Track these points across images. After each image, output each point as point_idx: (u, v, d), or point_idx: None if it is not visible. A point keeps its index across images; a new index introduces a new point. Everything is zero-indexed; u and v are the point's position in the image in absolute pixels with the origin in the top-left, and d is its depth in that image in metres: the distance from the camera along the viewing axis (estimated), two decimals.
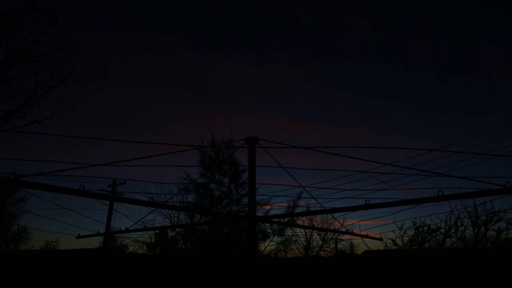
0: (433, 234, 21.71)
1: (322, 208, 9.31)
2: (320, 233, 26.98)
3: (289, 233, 24.04)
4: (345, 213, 16.36)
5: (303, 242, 27.19)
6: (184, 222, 20.20)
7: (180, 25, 44.72)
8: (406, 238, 22.30)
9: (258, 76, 43.70)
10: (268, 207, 18.76)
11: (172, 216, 20.80)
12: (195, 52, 44.07)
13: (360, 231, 17.42)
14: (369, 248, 31.56)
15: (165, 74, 44.13)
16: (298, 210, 19.16)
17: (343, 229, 12.38)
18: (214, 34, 44.39)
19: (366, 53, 45.60)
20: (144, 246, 23.64)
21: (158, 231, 22.55)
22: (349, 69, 45.52)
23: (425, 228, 21.74)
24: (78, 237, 12.02)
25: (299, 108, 45.94)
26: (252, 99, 45.21)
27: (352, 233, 11.70)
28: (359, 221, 34.04)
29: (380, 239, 13.65)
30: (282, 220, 14.64)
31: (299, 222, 22.07)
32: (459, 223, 20.77)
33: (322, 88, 44.35)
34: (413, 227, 22.07)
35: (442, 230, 21.32)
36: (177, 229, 20.77)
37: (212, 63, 42.91)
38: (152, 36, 43.18)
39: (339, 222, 17.97)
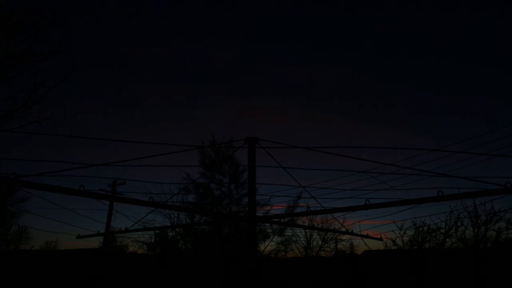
0: (433, 234, 21.70)
1: (322, 208, 9.31)
2: (320, 233, 26.97)
3: (289, 233, 24.04)
4: (345, 213, 16.35)
5: (303, 242, 27.20)
6: (184, 222, 20.19)
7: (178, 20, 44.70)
8: (406, 238, 22.31)
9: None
10: (268, 207, 18.74)
11: (172, 216, 20.78)
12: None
13: (360, 231, 17.43)
14: (369, 248, 31.57)
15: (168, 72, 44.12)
16: (298, 210, 19.15)
17: (343, 229, 12.39)
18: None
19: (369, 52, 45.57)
20: (144, 246, 23.66)
21: (158, 231, 22.54)
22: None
23: (425, 228, 21.74)
24: (78, 237, 12.02)
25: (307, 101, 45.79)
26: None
27: (352, 233, 11.71)
28: (359, 221, 34.05)
29: (380, 239, 13.66)
30: (282, 220, 14.63)
31: (299, 222, 22.05)
32: (459, 223, 20.77)
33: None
34: (413, 227, 22.07)
35: (442, 230, 21.32)
36: (177, 229, 20.75)
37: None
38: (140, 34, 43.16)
39: (339, 222, 17.95)
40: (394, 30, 45.86)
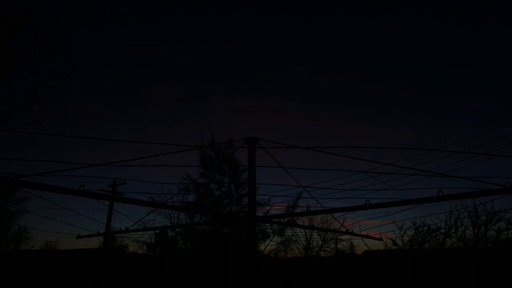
0: (433, 234, 21.72)
1: (322, 208, 9.30)
2: (320, 233, 26.98)
3: (289, 233, 24.07)
4: (345, 213, 16.35)
5: (303, 242, 27.21)
6: (184, 222, 20.20)
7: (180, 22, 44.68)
8: (406, 238, 22.33)
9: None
10: (268, 207, 18.76)
11: (172, 216, 20.79)
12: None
13: (360, 231, 17.43)
14: (369, 248, 31.57)
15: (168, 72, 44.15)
16: (298, 210, 19.16)
17: (343, 229, 12.39)
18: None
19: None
20: (144, 246, 23.67)
21: (158, 231, 22.54)
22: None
23: (425, 228, 21.76)
24: (78, 237, 12.00)
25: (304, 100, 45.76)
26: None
27: (352, 233, 11.71)
28: (359, 221, 34.04)
29: (380, 239, 13.65)
30: (282, 220, 14.63)
31: (299, 222, 22.07)
32: (459, 223, 20.78)
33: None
34: (413, 227, 22.10)
35: (442, 230, 21.35)
36: (177, 229, 20.77)
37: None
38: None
39: (339, 222, 17.95)
40: (394, 31, 45.89)
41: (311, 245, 27.34)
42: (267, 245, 21.06)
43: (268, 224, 19.13)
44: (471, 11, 44.89)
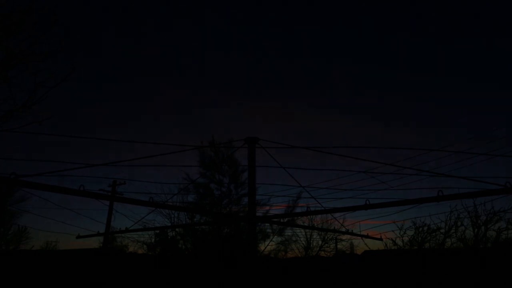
0: (433, 234, 21.70)
1: (322, 208, 9.30)
2: (320, 233, 26.99)
3: (289, 233, 24.08)
4: (345, 213, 16.38)
5: (303, 242, 27.23)
6: (184, 222, 20.20)
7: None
8: (406, 238, 22.30)
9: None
10: (268, 207, 18.77)
11: (172, 216, 20.80)
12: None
13: (360, 231, 17.46)
14: (369, 248, 31.61)
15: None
16: (298, 210, 19.17)
17: (343, 229, 12.38)
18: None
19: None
20: (144, 246, 23.66)
21: (158, 231, 22.54)
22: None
23: (425, 228, 21.74)
24: (78, 237, 12.00)
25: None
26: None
27: (352, 233, 11.69)
28: (359, 221, 34.07)
29: (380, 239, 13.63)
30: (282, 220, 14.63)
31: (299, 222, 22.07)
32: (459, 223, 20.77)
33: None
34: (413, 227, 22.08)
35: (442, 230, 21.32)
36: (177, 229, 20.77)
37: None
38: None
39: (339, 222, 17.96)
40: (393, 34, 45.91)
41: (311, 245, 27.37)
42: (267, 245, 21.09)
43: (268, 224, 19.14)
44: (470, 15, 44.91)
